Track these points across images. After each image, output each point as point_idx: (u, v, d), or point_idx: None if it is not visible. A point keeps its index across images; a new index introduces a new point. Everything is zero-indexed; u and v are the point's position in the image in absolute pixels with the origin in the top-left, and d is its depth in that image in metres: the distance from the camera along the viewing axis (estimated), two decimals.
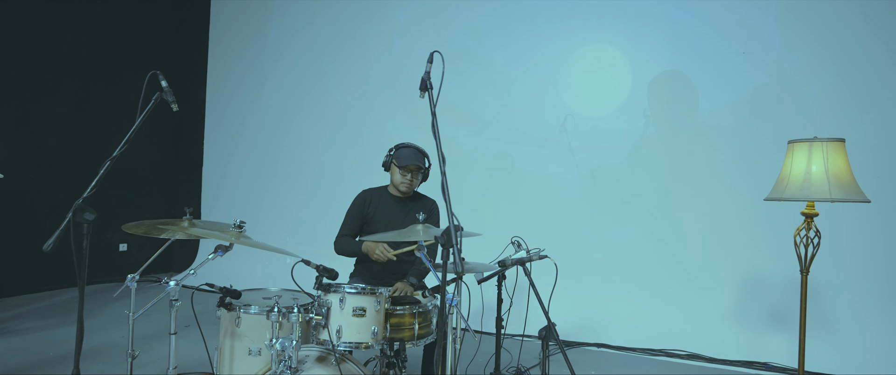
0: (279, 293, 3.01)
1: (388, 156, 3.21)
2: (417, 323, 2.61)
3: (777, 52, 4.37)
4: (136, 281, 2.84)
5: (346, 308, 2.36)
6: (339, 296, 2.36)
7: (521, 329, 4.09)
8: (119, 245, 6.14)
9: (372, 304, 2.39)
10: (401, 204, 3.22)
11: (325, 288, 2.39)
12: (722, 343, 4.28)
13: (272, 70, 6.42)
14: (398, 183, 3.13)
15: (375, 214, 3.20)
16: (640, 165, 4.79)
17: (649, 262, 4.70)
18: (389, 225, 3.18)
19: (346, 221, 3.23)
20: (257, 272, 5.76)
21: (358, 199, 3.25)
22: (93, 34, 5.90)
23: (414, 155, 3.13)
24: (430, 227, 2.48)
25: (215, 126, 6.76)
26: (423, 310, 2.64)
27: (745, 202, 4.42)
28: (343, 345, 2.35)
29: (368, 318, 2.38)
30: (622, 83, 4.84)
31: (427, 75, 2.09)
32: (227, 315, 2.68)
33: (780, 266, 4.29)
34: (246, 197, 6.45)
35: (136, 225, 2.78)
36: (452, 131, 5.32)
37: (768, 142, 4.33)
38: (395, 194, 3.24)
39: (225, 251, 2.46)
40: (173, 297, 2.41)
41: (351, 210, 3.24)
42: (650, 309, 4.59)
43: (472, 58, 5.38)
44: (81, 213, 2.16)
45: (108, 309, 5.10)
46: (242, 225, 2.49)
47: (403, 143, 3.20)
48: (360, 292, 2.38)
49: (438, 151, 1.97)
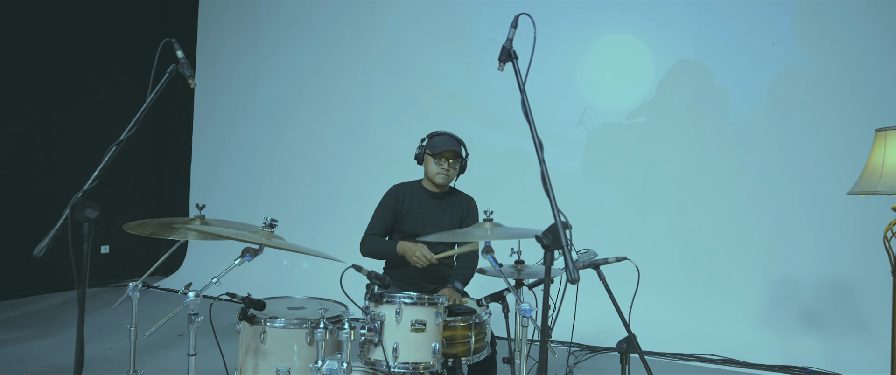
0: (303, 302, 2.57)
1: (420, 146, 2.80)
2: (473, 336, 2.20)
3: (805, 43, 4.09)
4: (138, 289, 2.36)
5: (404, 321, 1.93)
6: (394, 308, 1.93)
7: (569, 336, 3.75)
8: (101, 247, 5.55)
9: (432, 317, 1.97)
10: (437, 201, 2.81)
11: (377, 298, 1.96)
12: (756, 347, 3.97)
13: (266, 60, 5.89)
14: (434, 174, 2.72)
15: (409, 211, 2.77)
16: (663, 160, 4.46)
17: (675, 262, 4.37)
18: (425, 224, 2.76)
19: (376, 218, 2.80)
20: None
21: (390, 194, 2.82)
22: (73, 22, 5.29)
23: (449, 141, 2.72)
24: (497, 226, 2.07)
25: (205, 120, 6.19)
26: (479, 321, 2.23)
27: (774, 198, 4.13)
28: (400, 367, 1.92)
29: (429, 333, 1.96)
30: (644, 75, 4.51)
31: (509, 43, 1.68)
32: (250, 330, 2.23)
33: (812, 265, 4.02)
34: (239, 197, 5.90)
35: (140, 225, 2.30)
36: (459, 123, 4.90)
37: (797, 135, 4.06)
38: (430, 189, 2.83)
39: (254, 255, 2.01)
40: (192, 310, 1.94)
41: (381, 206, 2.80)
42: (677, 311, 4.26)
43: (481, 46, 4.97)
44: (81, 210, 1.69)
45: (90, 316, 4.53)
46: (274, 224, 2.04)
47: (436, 131, 2.80)
48: (419, 302, 1.96)
49: (534, 136, 1.57)
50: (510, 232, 1.92)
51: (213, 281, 1.95)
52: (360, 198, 5.45)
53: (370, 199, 5.64)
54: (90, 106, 5.38)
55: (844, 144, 3.97)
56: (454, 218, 2.80)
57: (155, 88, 1.87)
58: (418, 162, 2.82)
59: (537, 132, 1.55)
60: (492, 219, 2.04)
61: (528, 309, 1.90)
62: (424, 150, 2.77)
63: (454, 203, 2.83)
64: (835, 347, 3.84)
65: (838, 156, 4.00)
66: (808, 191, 4.08)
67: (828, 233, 4.02)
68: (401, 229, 2.78)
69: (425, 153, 2.77)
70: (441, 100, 5.09)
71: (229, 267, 1.99)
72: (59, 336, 4.00)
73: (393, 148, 5.25)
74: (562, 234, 1.43)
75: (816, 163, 4.08)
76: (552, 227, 1.48)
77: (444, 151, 2.67)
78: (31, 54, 5.00)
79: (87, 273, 1.74)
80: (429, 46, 5.11)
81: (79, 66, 5.33)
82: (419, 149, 2.79)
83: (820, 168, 4.07)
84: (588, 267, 2.26)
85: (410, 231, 2.75)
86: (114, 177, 5.61)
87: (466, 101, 5.00)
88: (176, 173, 6.20)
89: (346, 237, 3.29)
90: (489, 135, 4.90)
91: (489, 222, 2.04)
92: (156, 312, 4.49)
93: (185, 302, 1.90)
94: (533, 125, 1.55)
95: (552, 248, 1.49)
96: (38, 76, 5.06)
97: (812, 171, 4.08)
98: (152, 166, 6.21)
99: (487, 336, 2.32)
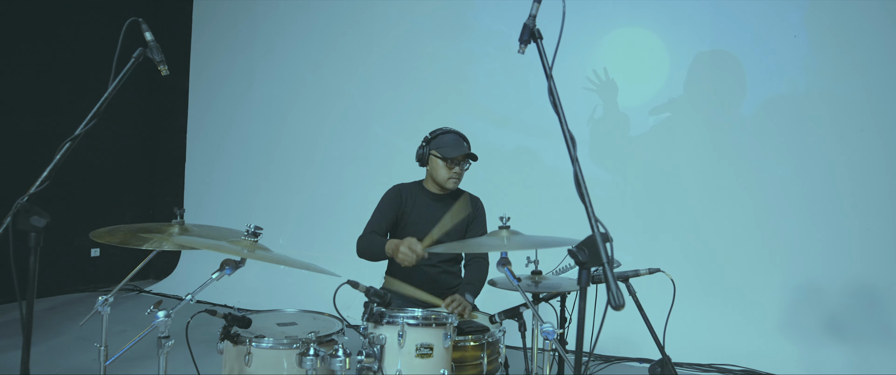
0: (294, 317, 2.29)
1: (422, 147, 2.50)
2: (485, 357, 1.92)
3: (825, 39, 3.81)
4: (109, 305, 2.07)
5: (407, 345, 1.65)
6: (396, 329, 1.64)
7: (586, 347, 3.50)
8: (90, 250, 5.25)
9: (440, 339, 1.69)
10: (440, 203, 2.52)
11: (376, 317, 1.67)
12: (778, 356, 3.70)
13: (263, 57, 5.58)
14: (445, 179, 2.43)
15: (411, 214, 2.49)
16: (677, 160, 4.17)
17: (692, 268, 4.07)
18: (427, 227, 2.47)
19: (376, 217, 2.50)
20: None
21: (392, 193, 2.52)
22: (54, 12, 4.97)
23: (460, 143, 2.44)
24: (515, 234, 1.77)
25: (200, 119, 5.89)
26: (492, 340, 1.94)
27: (796, 200, 3.85)
28: None
29: (437, 359, 1.68)
30: (658, 71, 4.21)
31: (532, 20, 1.39)
32: (234, 350, 1.95)
33: (837, 270, 3.74)
34: (235, 197, 5.60)
35: (108, 232, 2.02)
36: (462, 121, 4.59)
37: (820, 135, 3.77)
38: (432, 190, 2.54)
39: (234, 268, 1.72)
40: (162, 333, 1.65)
41: (383, 204, 2.51)
42: (695, 319, 3.96)
43: (485, 39, 4.67)
44: (26, 217, 1.40)
45: (74, 324, 4.22)
46: (258, 232, 1.75)
47: (440, 130, 2.51)
48: (425, 322, 1.67)
49: (565, 131, 1.28)
50: (532, 243, 1.63)
51: (187, 298, 1.66)
52: (359, 199, 5.13)
53: (370, 200, 5.30)
54: (83, 109, 5.07)
55: (870, 144, 3.70)
56: (460, 222, 2.51)
57: (118, 76, 1.58)
58: (421, 163, 2.54)
59: (568, 125, 1.25)
60: (509, 227, 1.75)
61: (551, 331, 1.61)
62: (429, 151, 2.48)
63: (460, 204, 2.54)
64: (862, 356, 3.58)
65: (864, 156, 3.72)
66: (832, 193, 3.80)
67: (854, 237, 3.73)
68: (400, 234, 2.49)
69: (430, 154, 2.48)
70: (443, 97, 4.79)
71: (205, 283, 1.70)
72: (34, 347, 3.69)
73: (394, 146, 4.96)
74: (602, 249, 1.14)
75: (840, 162, 3.80)
76: (589, 240, 1.19)
77: (457, 156, 2.40)
78: (13, 53, 4.69)
79: (33, 293, 1.45)
80: (430, 40, 4.81)
81: (66, 66, 5.02)
82: (422, 150, 2.50)
83: (844, 168, 3.78)
84: None
85: (410, 234, 2.46)
86: (105, 178, 5.31)
87: (470, 97, 4.71)
88: (170, 174, 5.90)
89: (346, 238, 3.00)
90: (494, 133, 4.60)
91: (505, 230, 1.74)
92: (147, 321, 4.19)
93: (154, 324, 1.61)
94: (563, 116, 1.26)
95: (589, 265, 1.19)
96: (22, 76, 4.75)
97: (836, 172, 3.80)
98: (145, 167, 5.90)
99: (501, 357, 2.03)
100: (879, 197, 3.69)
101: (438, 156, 2.43)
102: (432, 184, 2.53)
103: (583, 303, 1.23)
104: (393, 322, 1.66)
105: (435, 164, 2.46)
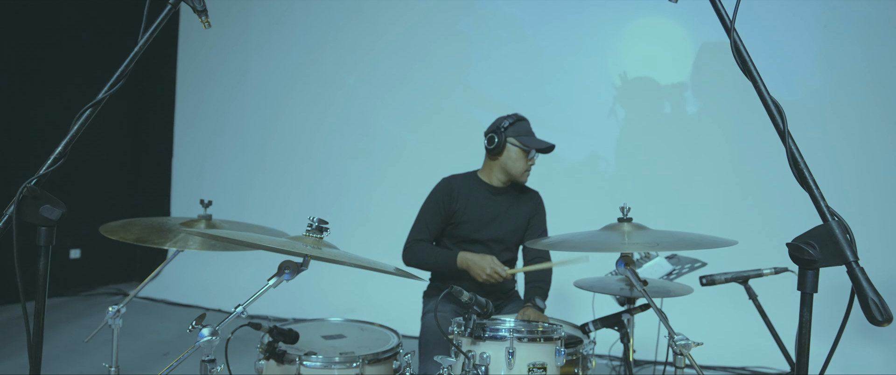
0: (340, 326, 1.94)
1: (499, 132, 2.10)
2: (581, 372, 1.58)
3: (855, 31, 3.62)
4: (121, 316, 1.68)
5: (518, 365, 1.29)
6: (504, 345, 1.29)
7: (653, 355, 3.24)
8: (70, 251, 4.72)
9: (552, 357, 1.35)
10: (499, 197, 2.18)
11: (476, 331, 1.31)
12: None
13: (258, 45, 5.12)
14: (521, 172, 2.10)
15: (466, 210, 2.13)
16: (705, 151, 3.96)
17: (722, 265, 3.82)
18: (484, 225, 2.13)
19: (422, 221, 2.13)
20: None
21: (440, 190, 2.16)
22: None
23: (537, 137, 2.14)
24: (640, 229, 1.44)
25: (188, 110, 5.38)
26: (585, 354, 1.61)
27: (830, 194, 3.62)
28: None
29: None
30: (680, 61, 4.00)
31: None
32: (278, 370, 1.59)
33: (872, 266, 3.49)
34: (227, 197, 5.10)
35: (122, 227, 1.61)
36: (475, 113, 4.26)
37: (854, 124, 3.59)
38: (489, 183, 2.19)
39: (295, 272, 1.34)
40: (207, 356, 1.26)
41: (430, 204, 2.14)
42: (727, 320, 3.72)
43: (502, 30, 4.36)
44: (35, 207, 1.00)
45: (56, 333, 3.72)
46: (324, 227, 1.37)
47: (516, 115, 2.16)
48: (533, 336, 1.33)
49: (766, 98, 0.96)
50: (666, 241, 1.29)
51: (237, 310, 1.28)
52: (362, 197, 4.76)
53: (374, 197, 4.86)
54: (61, 91, 4.54)
55: None
56: (521, 218, 2.18)
57: (151, 28, 1.19)
58: (494, 150, 2.13)
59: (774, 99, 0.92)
60: (631, 219, 1.41)
61: (686, 342, 1.28)
62: (505, 138, 2.11)
63: (518, 199, 2.21)
64: None
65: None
66: (865, 186, 3.62)
67: (890, 231, 3.55)
68: (454, 233, 2.14)
69: (506, 142, 2.11)
70: (453, 87, 4.45)
71: (259, 292, 1.31)
72: (19, 358, 3.20)
73: (399, 140, 4.59)
74: (843, 244, 0.82)
75: (875, 155, 3.61)
76: (819, 232, 0.87)
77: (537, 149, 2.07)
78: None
79: (44, 297, 1.07)
80: (439, 25, 4.46)
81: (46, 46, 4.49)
82: (499, 134, 2.11)
83: (879, 161, 3.60)
84: (733, 281, 1.68)
85: (467, 235, 2.11)
86: (85, 170, 4.77)
87: (482, 88, 4.38)
88: (156, 169, 5.38)
89: (348, 239, 2.64)
90: None
91: (627, 222, 1.41)
92: (137, 329, 3.73)
93: (198, 344, 1.22)
94: (759, 78, 0.93)
95: (821, 264, 0.87)
96: None
97: (870, 164, 3.62)
98: (128, 161, 5.36)
99: (591, 371, 1.71)
100: None
101: (519, 145, 2.08)
102: (497, 175, 2.16)
103: (808, 315, 0.91)
104: (496, 337, 1.31)
105: (512, 154, 2.11)
